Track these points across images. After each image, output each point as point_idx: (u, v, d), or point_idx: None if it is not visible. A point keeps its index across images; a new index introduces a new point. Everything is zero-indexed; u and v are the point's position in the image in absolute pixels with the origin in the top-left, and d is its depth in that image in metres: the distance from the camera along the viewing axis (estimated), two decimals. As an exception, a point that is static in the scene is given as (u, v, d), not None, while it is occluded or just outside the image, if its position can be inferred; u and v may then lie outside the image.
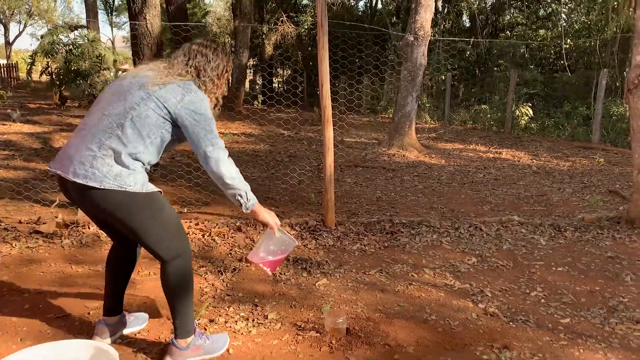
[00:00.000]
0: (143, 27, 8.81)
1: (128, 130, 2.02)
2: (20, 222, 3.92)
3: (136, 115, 2.03)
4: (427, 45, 8.33)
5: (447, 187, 6.11)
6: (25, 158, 6.72)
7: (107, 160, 2.00)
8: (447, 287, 3.16)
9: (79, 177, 1.98)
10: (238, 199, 2.19)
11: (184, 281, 2.21)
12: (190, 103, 2.09)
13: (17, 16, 39.35)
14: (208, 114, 2.12)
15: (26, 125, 9.77)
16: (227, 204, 4.93)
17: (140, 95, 2.06)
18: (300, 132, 10.86)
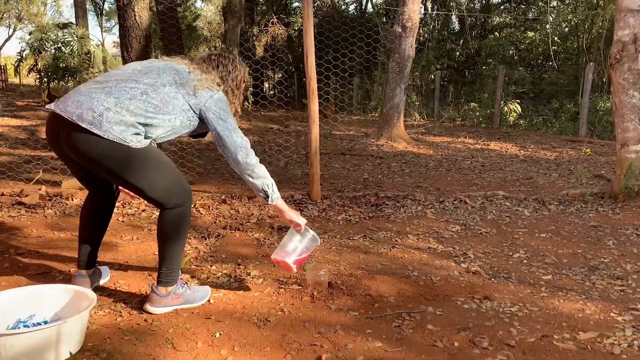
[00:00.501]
0: (132, 19, 8.81)
1: (153, 101, 2.09)
2: (3, 195, 3.89)
3: (166, 92, 2.13)
4: (415, 37, 8.38)
5: (434, 172, 6.14)
6: (10, 146, 6.67)
7: (118, 117, 2.01)
8: (430, 250, 3.17)
9: (84, 121, 1.97)
10: (265, 189, 2.27)
11: (179, 229, 2.21)
12: (219, 101, 2.23)
13: (7, 20, 39.20)
14: (231, 115, 2.28)
15: (13, 120, 9.71)
16: (212, 182, 4.93)
17: (174, 78, 2.18)
18: (289, 126, 10.87)
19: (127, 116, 2.03)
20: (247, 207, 3.93)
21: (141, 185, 2.10)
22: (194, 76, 2.23)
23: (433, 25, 19.13)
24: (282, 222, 3.63)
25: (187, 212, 2.22)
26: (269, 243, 3.21)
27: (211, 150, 7.08)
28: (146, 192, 2.12)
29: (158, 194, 2.13)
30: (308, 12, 3.76)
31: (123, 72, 2.18)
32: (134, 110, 2.05)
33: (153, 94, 2.10)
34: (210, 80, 2.26)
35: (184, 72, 2.23)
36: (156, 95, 2.11)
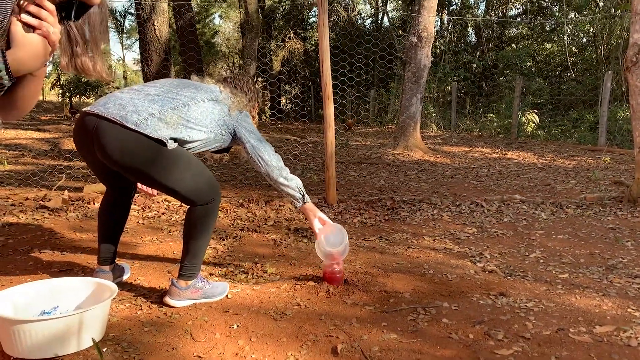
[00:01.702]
0: (151, 33, 9.02)
1: (193, 113, 2.23)
2: (27, 199, 4.00)
3: (205, 106, 2.28)
4: (430, 47, 8.42)
5: (451, 179, 6.13)
6: (34, 156, 6.84)
7: (161, 124, 2.12)
8: (446, 250, 3.18)
9: (129, 122, 2.07)
10: (301, 189, 2.46)
11: (205, 224, 2.26)
12: (246, 117, 2.44)
13: (31, 39, 40.15)
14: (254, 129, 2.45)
15: (37, 132, 9.95)
16: (230, 188, 5.00)
17: (211, 95, 2.35)
18: (306, 137, 10.96)
19: (169, 123, 2.15)
20: (264, 211, 3.98)
21: (173, 184, 2.17)
22: (226, 95, 2.41)
23: (449, 37, 19.18)
24: (296, 224, 3.67)
25: (215, 208, 2.29)
26: (286, 244, 3.25)
27: (229, 160, 7.17)
28: (179, 191, 2.18)
29: (190, 193, 2.20)
30: (323, 19, 3.84)
31: (161, 85, 2.31)
32: (176, 120, 2.17)
33: (194, 106, 2.24)
34: (239, 101, 2.44)
35: (216, 91, 2.39)
36: (197, 108, 2.25)
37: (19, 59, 0.98)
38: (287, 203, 4.13)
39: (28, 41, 0.98)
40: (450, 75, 16.37)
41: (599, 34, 15.14)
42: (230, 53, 30.18)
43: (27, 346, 1.77)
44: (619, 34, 13.08)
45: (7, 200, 3.96)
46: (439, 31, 18.92)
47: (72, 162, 6.22)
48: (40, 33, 1.00)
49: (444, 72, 16.29)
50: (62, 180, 4.73)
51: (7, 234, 3.28)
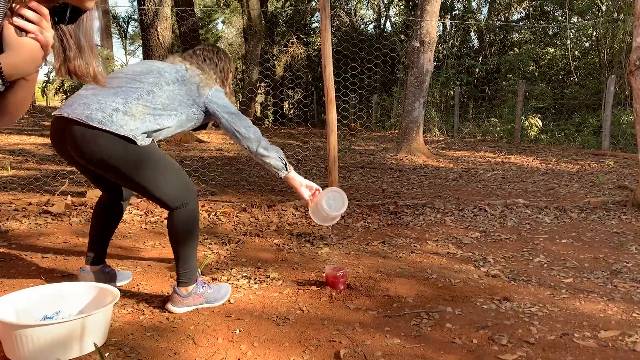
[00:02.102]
0: (154, 39, 9.06)
1: (159, 99, 2.18)
2: (30, 204, 4.00)
3: (170, 90, 2.22)
4: (433, 52, 8.42)
5: (454, 183, 6.12)
6: (37, 161, 6.85)
7: (127, 117, 2.08)
8: (449, 254, 3.17)
9: (94, 121, 2.02)
10: (283, 159, 2.39)
11: (189, 229, 2.24)
12: (217, 91, 2.34)
13: (35, 45, 40.37)
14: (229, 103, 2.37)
15: (40, 138, 9.98)
16: (233, 193, 5.00)
17: (176, 76, 2.27)
18: (308, 142, 10.96)
19: (136, 115, 2.09)
20: (267, 215, 3.97)
21: (147, 183, 2.13)
22: (192, 72, 2.32)
23: (452, 42, 19.20)
24: (298, 229, 3.67)
25: (194, 212, 2.25)
26: (288, 249, 3.24)
27: (232, 164, 7.18)
28: (152, 191, 2.15)
29: (164, 193, 2.15)
30: (326, 24, 3.84)
31: (124, 75, 2.24)
32: (142, 110, 2.11)
33: (159, 92, 2.18)
34: (208, 76, 2.35)
35: (182, 71, 2.31)
36: (162, 94, 2.19)
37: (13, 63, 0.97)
38: (290, 207, 4.12)
39: (22, 45, 0.98)
40: (452, 79, 16.38)
41: (601, 38, 15.13)
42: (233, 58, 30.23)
43: (29, 351, 1.77)
44: (622, 38, 13.07)
45: (11, 205, 3.97)
46: (441, 36, 18.93)
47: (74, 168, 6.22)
48: (33, 37, 0.99)
49: (446, 76, 16.30)
50: (65, 185, 4.74)
51: (10, 238, 3.28)
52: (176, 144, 9.31)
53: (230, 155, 8.37)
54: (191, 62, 2.39)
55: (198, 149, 8.94)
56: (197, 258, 2.34)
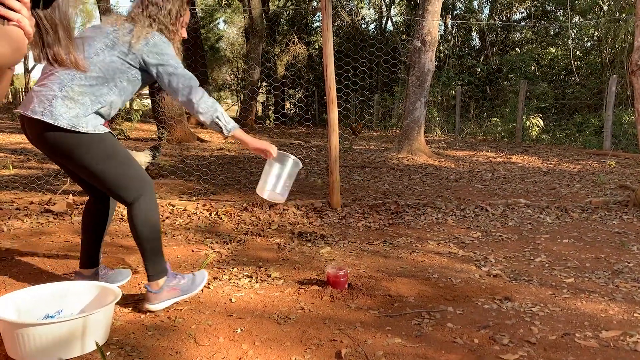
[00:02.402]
0: (156, 38, 9.00)
1: (92, 74, 2.07)
2: (32, 203, 4.01)
3: (100, 60, 2.09)
4: (434, 51, 8.42)
5: (455, 183, 6.12)
6: (38, 160, 6.86)
7: (67, 102, 2.02)
8: (450, 254, 3.17)
9: (36, 113, 1.99)
10: (216, 121, 2.20)
11: (149, 223, 2.20)
12: (154, 46, 2.15)
13: (37, 44, 40.43)
14: (172, 54, 2.19)
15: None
16: (234, 192, 5.00)
17: (105, 42, 2.12)
18: (310, 141, 10.96)
19: (74, 98, 2.03)
20: (268, 215, 3.97)
21: (99, 172, 2.09)
22: (123, 31, 2.16)
23: (453, 41, 19.18)
24: (300, 229, 3.67)
25: (151, 205, 2.21)
26: (289, 248, 3.25)
27: (233, 164, 7.18)
28: (105, 181, 2.11)
29: (116, 184, 2.12)
30: (327, 23, 3.84)
31: None
32: (78, 90, 2.04)
33: (90, 67, 2.08)
34: (141, 27, 2.17)
35: (111, 33, 2.16)
36: (93, 67, 2.08)
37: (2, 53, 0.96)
38: (291, 207, 4.13)
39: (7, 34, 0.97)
40: (454, 79, 16.37)
41: (603, 38, 15.11)
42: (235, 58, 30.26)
43: (30, 350, 1.77)
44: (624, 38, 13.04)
45: (12, 204, 3.97)
46: (442, 35, 18.92)
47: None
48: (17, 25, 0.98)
49: (448, 76, 16.29)
50: (67, 184, 4.75)
51: (12, 237, 3.28)
52: (177, 143, 9.31)
53: (232, 154, 8.37)
54: (130, 16, 2.22)
55: (199, 148, 8.95)
56: (163, 252, 2.29)
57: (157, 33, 2.19)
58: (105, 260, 2.91)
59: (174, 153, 7.99)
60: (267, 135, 12.60)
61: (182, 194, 4.76)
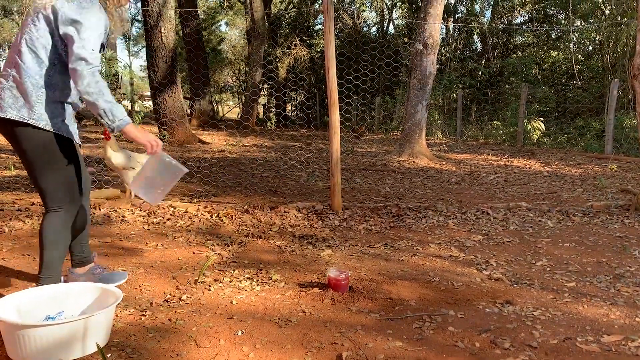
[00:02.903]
0: (158, 40, 9.09)
1: (26, 57, 2.01)
2: (33, 204, 4.01)
3: (29, 38, 2.02)
4: (436, 54, 8.43)
5: (457, 186, 6.12)
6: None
7: (14, 92, 2.01)
8: (451, 257, 3.17)
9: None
10: (101, 113, 2.00)
11: (56, 236, 2.19)
12: (70, 10, 2.00)
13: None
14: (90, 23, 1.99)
15: (44, 138, 10.00)
16: (236, 195, 5.00)
17: (31, 18, 2.03)
18: (311, 144, 10.97)
19: (17, 87, 2.00)
20: (269, 217, 3.97)
21: (34, 169, 2.09)
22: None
23: (455, 45, 19.20)
24: (301, 231, 3.67)
25: (66, 219, 2.20)
26: (290, 250, 3.24)
27: (234, 166, 7.18)
28: (37, 179, 2.12)
29: (46, 186, 2.12)
30: (329, 26, 3.85)
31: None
32: (17, 76, 2.01)
33: (23, 48, 2.02)
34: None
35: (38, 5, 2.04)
36: (26, 49, 2.01)
37: None
38: (292, 209, 4.13)
39: None
40: (455, 82, 16.37)
41: (605, 42, 15.12)
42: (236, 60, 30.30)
43: (31, 351, 1.77)
44: (625, 42, 13.05)
45: (14, 205, 3.98)
46: (444, 38, 18.94)
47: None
48: None
49: (449, 79, 16.29)
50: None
51: (13, 238, 3.28)
52: (179, 145, 9.32)
53: (233, 156, 8.38)
54: None
55: (201, 150, 8.95)
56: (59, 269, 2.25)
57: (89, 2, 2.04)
58: (104, 261, 2.91)
59: (175, 155, 7.99)
60: (269, 137, 12.60)
61: (184, 196, 4.77)
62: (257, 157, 8.42)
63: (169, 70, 9.27)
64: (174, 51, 9.39)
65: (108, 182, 5.14)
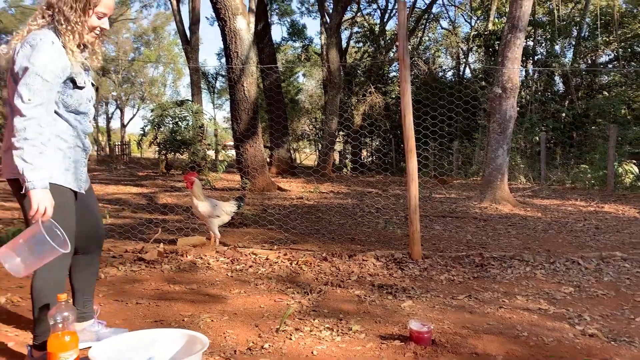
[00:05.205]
0: (241, 93, 9.56)
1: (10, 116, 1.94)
2: (126, 252, 4.26)
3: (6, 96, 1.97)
4: (516, 98, 8.25)
5: (543, 234, 5.83)
6: (132, 210, 7.31)
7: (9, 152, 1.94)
8: (540, 311, 3.00)
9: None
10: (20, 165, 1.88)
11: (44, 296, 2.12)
12: (20, 56, 1.91)
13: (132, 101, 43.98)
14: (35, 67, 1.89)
15: (135, 188, 10.67)
16: (313, 242, 5.05)
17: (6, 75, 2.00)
18: (388, 190, 10.92)
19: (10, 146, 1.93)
20: (348, 265, 3.97)
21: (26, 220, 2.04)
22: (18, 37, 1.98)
23: (535, 87, 18.70)
24: (380, 280, 3.63)
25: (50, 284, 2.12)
26: (370, 300, 3.21)
27: (312, 213, 7.28)
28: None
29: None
30: (405, 75, 3.90)
31: None
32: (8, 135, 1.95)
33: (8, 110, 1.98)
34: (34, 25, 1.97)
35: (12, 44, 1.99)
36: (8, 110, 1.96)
37: None
38: (370, 258, 4.10)
39: None
40: (538, 125, 15.87)
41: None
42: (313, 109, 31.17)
43: (125, 395, 1.85)
44: None
45: (109, 253, 4.24)
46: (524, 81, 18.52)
47: (167, 216, 6.58)
48: None
49: (531, 122, 15.82)
50: (158, 233, 5.02)
51: (108, 284, 3.49)
52: (259, 192, 9.61)
53: (311, 203, 8.50)
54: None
55: (280, 198, 9.17)
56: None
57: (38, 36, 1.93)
58: (191, 308, 3.01)
59: (255, 202, 8.24)
60: (345, 184, 12.70)
61: (264, 243, 4.88)
62: (334, 204, 8.50)
63: (250, 121, 9.69)
64: (256, 103, 9.83)
65: (194, 230, 5.38)
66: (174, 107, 14.55)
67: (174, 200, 8.46)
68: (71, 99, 2.05)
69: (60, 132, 2.05)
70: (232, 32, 9.29)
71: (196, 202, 4.49)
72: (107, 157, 23.68)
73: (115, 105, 44.21)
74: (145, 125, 14.79)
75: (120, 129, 43.18)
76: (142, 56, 41.78)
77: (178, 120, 14.24)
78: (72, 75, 2.03)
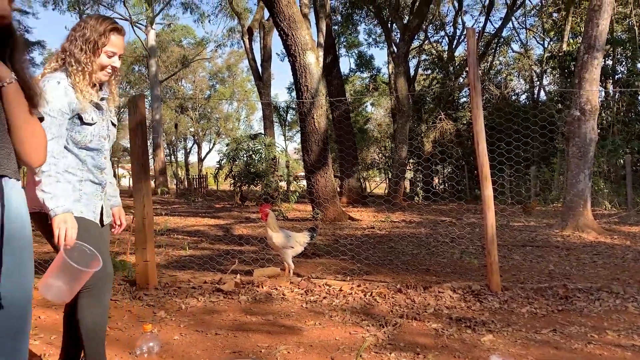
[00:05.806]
0: (311, 126, 9.75)
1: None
2: (205, 282, 4.40)
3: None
4: (596, 120, 7.88)
5: (634, 264, 5.45)
6: (210, 242, 7.56)
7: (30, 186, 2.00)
8: (635, 347, 2.80)
9: None
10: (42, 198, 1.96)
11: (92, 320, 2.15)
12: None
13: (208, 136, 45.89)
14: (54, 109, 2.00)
15: (212, 220, 11.05)
16: (387, 272, 4.99)
17: None
18: (462, 219, 10.65)
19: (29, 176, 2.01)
20: (423, 297, 3.89)
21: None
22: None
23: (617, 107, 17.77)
24: (458, 313, 3.52)
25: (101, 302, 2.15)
26: (448, 334, 3.12)
27: (384, 243, 7.22)
28: None
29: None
30: (477, 102, 3.84)
31: None
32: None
33: None
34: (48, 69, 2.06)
35: None
36: None
37: None
38: (447, 289, 4.00)
39: None
40: (621, 147, 15.00)
41: None
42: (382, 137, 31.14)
43: None
44: None
45: (189, 283, 4.40)
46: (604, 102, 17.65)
47: (242, 247, 6.75)
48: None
49: (614, 144, 14.99)
50: (235, 264, 5.15)
51: (189, 315, 3.61)
52: (330, 222, 9.66)
53: (382, 233, 8.44)
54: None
55: (351, 227, 9.17)
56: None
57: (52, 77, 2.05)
58: (268, 339, 3.05)
59: (327, 232, 8.28)
60: (417, 212, 12.51)
61: (337, 274, 4.89)
62: (407, 234, 8.38)
63: (321, 152, 9.84)
64: (325, 134, 9.98)
65: (269, 261, 5.48)
66: (248, 141, 15.04)
67: (249, 232, 8.67)
68: (79, 135, 2.12)
69: (69, 167, 2.12)
70: (302, 67, 9.56)
71: (270, 234, 4.59)
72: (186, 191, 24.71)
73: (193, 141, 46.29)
74: (221, 159, 15.36)
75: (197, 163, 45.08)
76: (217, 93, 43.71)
77: (252, 153, 14.69)
78: (79, 112, 2.10)
